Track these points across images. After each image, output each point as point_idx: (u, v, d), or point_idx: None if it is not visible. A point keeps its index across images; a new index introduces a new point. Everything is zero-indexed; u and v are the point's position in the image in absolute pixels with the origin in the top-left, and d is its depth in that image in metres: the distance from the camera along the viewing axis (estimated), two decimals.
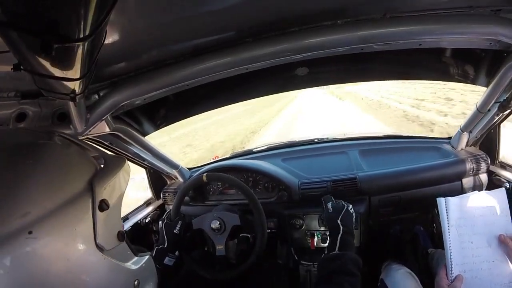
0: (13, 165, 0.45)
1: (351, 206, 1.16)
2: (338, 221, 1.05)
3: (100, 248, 0.49)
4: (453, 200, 0.88)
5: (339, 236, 1.00)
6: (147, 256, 0.64)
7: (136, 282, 0.57)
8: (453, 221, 0.87)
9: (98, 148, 0.61)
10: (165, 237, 1.21)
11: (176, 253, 1.26)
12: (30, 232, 0.41)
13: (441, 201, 0.89)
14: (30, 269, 0.42)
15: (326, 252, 0.99)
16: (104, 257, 0.50)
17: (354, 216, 1.13)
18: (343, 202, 1.17)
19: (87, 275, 0.48)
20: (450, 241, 0.86)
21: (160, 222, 1.27)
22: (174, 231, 1.22)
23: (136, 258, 0.61)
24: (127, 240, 0.58)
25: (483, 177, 1.41)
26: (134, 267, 0.58)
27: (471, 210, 0.88)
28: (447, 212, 0.88)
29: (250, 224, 1.24)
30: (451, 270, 0.85)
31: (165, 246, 1.19)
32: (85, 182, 0.50)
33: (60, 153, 0.52)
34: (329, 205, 1.16)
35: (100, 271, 0.50)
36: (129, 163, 1.44)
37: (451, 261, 0.85)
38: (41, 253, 0.42)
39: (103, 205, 0.50)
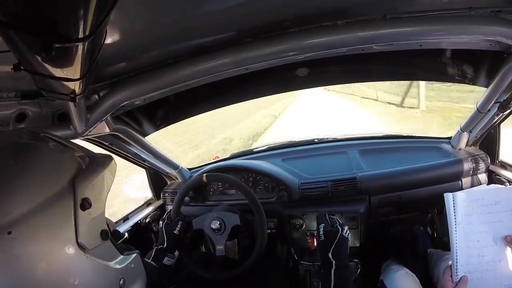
0: None
1: (346, 228, 1.02)
2: (330, 255, 0.93)
3: (82, 247, 0.49)
4: (461, 195, 0.82)
5: (332, 270, 0.90)
6: (134, 255, 0.63)
7: (121, 282, 0.57)
8: (460, 219, 0.82)
9: (83, 147, 0.61)
10: (165, 237, 1.21)
11: (176, 253, 1.25)
12: (9, 233, 0.40)
13: (448, 196, 0.83)
14: (10, 270, 0.41)
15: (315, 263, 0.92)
16: (86, 256, 0.49)
17: (349, 241, 1.00)
18: (338, 224, 1.02)
19: (69, 275, 0.47)
20: (456, 240, 0.82)
21: (160, 222, 1.27)
22: (174, 232, 1.22)
23: (121, 256, 0.60)
24: (111, 238, 0.58)
25: (483, 177, 1.41)
26: (118, 266, 0.57)
27: (479, 206, 0.82)
28: (454, 209, 0.82)
29: (250, 224, 1.24)
30: (457, 271, 0.81)
31: (165, 246, 1.19)
32: (66, 181, 0.49)
33: (42, 153, 0.52)
34: (321, 229, 1.01)
35: (82, 271, 0.49)
36: (129, 163, 1.46)
37: (456, 262, 0.81)
38: (21, 254, 0.42)
39: (85, 204, 0.49)
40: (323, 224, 1.02)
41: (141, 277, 0.65)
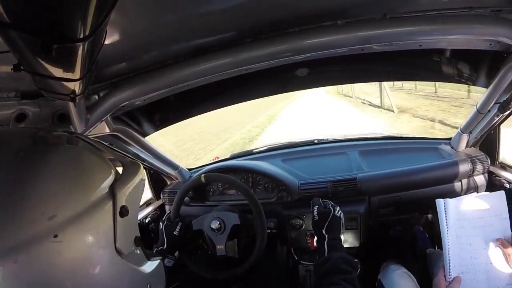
0: (36, 164, 0.45)
1: (338, 208, 1.11)
2: (323, 231, 1.03)
3: (119, 252, 0.50)
4: (452, 202, 0.89)
5: (325, 242, 1.00)
6: (159, 261, 0.65)
7: (148, 286, 0.59)
8: (451, 223, 0.88)
9: (115, 151, 0.62)
10: (165, 238, 1.21)
11: (176, 254, 1.25)
12: (55, 236, 0.41)
13: (440, 202, 0.90)
14: (56, 274, 0.42)
15: (317, 258, 0.99)
16: (122, 261, 0.51)
17: (342, 219, 1.09)
18: (331, 205, 1.11)
19: (107, 279, 0.49)
20: (448, 242, 0.87)
21: (160, 223, 1.27)
22: (174, 233, 1.22)
23: (148, 262, 0.62)
24: (141, 244, 0.59)
25: (483, 178, 1.41)
26: (147, 270, 0.59)
27: (470, 212, 0.88)
28: (445, 214, 0.88)
29: (250, 223, 1.24)
30: (449, 272, 0.86)
31: (164, 247, 1.19)
32: (107, 187, 0.50)
33: (83, 155, 0.52)
34: (315, 210, 1.10)
35: (119, 275, 0.51)
36: None
37: (449, 263, 0.86)
38: (66, 257, 0.42)
39: (124, 211, 0.51)
40: (317, 206, 1.11)
41: (162, 282, 0.67)
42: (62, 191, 0.45)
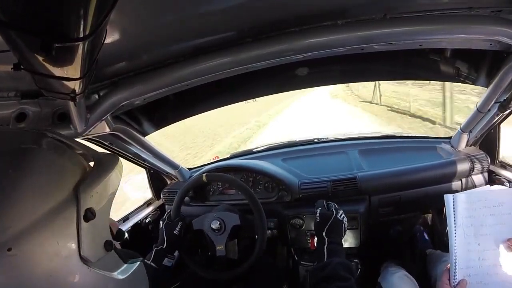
0: None
1: (341, 212, 1.09)
2: (323, 234, 1.01)
3: (85, 260, 0.45)
4: (461, 197, 0.79)
5: (325, 247, 0.97)
6: (138, 263, 0.60)
7: None
8: (460, 221, 0.78)
9: (87, 147, 0.57)
10: (165, 237, 1.20)
11: (176, 253, 1.25)
12: (9, 249, 0.37)
13: (448, 198, 0.79)
14: None
15: (315, 263, 0.97)
16: (89, 269, 0.46)
17: (344, 223, 1.07)
18: (334, 208, 1.09)
19: None
20: (456, 243, 0.78)
21: (161, 222, 1.27)
22: (174, 232, 1.22)
23: (125, 265, 0.56)
24: (115, 247, 0.55)
25: (483, 177, 1.41)
26: (121, 276, 0.54)
27: (481, 208, 0.79)
28: (454, 211, 0.79)
29: (250, 224, 1.24)
30: (455, 275, 0.78)
31: (164, 246, 1.19)
32: (69, 190, 0.45)
33: (44, 156, 0.47)
34: (318, 212, 1.09)
35: (85, 285, 0.46)
36: (128, 162, 1.46)
37: (455, 265, 0.78)
38: (21, 272, 0.39)
39: (89, 215, 0.45)
40: (320, 208, 1.10)
41: (145, 284, 0.63)
42: (18, 199, 0.40)
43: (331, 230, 1.03)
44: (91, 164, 0.54)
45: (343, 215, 1.09)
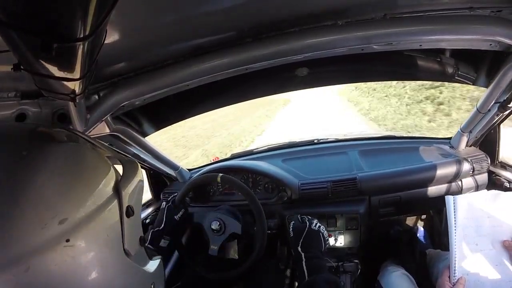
0: (39, 163, 0.42)
1: (315, 221, 1.06)
2: (298, 249, 0.96)
3: (127, 253, 0.49)
4: (462, 199, 0.84)
5: (303, 263, 0.92)
6: (159, 260, 0.65)
7: (152, 286, 0.58)
8: (460, 221, 0.83)
9: (113, 150, 0.60)
10: (164, 219, 1.18)
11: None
12: (67, 240, 0.39)
13: (449, 199, 0.85)
14: (69, 278, 0.41)
15: (297, 284, 0.94)
16: (130, 262, 0.50)
17: (322, 232, 1.02)
18: (307, 219, 1.06)
19: (118, 281, 0.48)
20: (455, 242, 0.83)
21: (164, 203, 1.25)
22: (175, 217, 1.20)
23: (150, 261, 0.61)
24: (145, 246, 0.59)
25: (483, 177, 1.41)
26: (151, 270, 0.59)
27: (480, 210, 0.84)
28: (455, 211, 0.84)
29: (251, 236, 1.22)
30: (454, 273, 0.82)
31: (161, 228, 1.17)
32: (111, 188, 0.49)
33: (85, 153, 0.51)
34: (291, 227, 1.05)
35: (127, 276, 0.50)
36: None
37: (455, 263, 0.82)
38: (78, 262, 0.41)
39: (130, 211, 0.50)
40: (293, 222, 1.06)
41: (163, 280, 0.66)
42: (70, 192, 0.42)
43: (307, 243, 0.97)
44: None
45: (318, 224, 1.05)
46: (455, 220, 0.83)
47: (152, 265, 0.60)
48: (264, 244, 1.18)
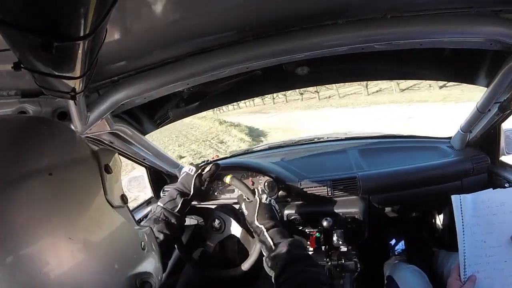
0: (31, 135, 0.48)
1: (265, 196, 1.07)
2: (256, 223, 0.97)
3: (109, 202, 0.52)
4: (468, 198, 0.85)
5: (266, 233, 0.93)
6: (147, 228, 0.67)
7: (142, 244, 0.60)
8: (467, 220, 0.84)
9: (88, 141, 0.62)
10: (192, 187, 1.17)
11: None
12: (50, 174, 0.43)
13: (456, 198, 0.85)
14: (50, 208, 0.43)
15: (265, 256, 0.92)
16: (113, 211, 0.53)
17: (273, 205, 1.04)
18: (257, 194, 1.07)
19: (101, 223, 0.51)
20: (464, 241, 0.83)
21: (192, 170, 1.22)
22: (202, 188, 1.21)
23: (137, 226, 0.63)
24: (128, 208, 0.62)
25: (483, 177, 1.41)
26: (139, 231, 0.61)
27: (486, 208, 0.84)
28: (461, 210, 0.84)
29: (249, 242, 1.20)
30: (465, 271, 0.83)
31: (190, 197, 1.16)
32: (91, 151, 0.54)
33: (65, 129, 0.55)
34: (243, 207, 1.05)
35: (111, 223, 0.53)
36: (129, 161, 1.46)
37: (465, 262, 0.83)
38: (60, 191, 0.44)
39: (108, 169, 0.54)
40: (243, 203, 1.07)
41: (155, 251, 0.67)
42: (55, 142, 0.49)
43: (262, 216, 0.98)
44: None
45: (268, 199, 1.07)
46: (462, 219, 0.84)
47: (140, 229, 0.62)
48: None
